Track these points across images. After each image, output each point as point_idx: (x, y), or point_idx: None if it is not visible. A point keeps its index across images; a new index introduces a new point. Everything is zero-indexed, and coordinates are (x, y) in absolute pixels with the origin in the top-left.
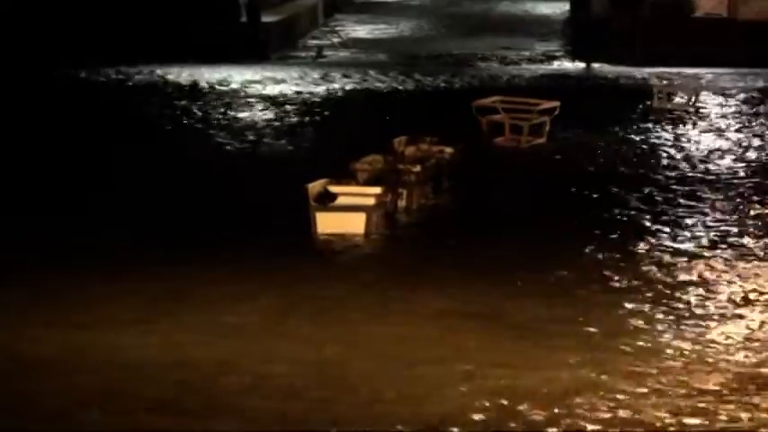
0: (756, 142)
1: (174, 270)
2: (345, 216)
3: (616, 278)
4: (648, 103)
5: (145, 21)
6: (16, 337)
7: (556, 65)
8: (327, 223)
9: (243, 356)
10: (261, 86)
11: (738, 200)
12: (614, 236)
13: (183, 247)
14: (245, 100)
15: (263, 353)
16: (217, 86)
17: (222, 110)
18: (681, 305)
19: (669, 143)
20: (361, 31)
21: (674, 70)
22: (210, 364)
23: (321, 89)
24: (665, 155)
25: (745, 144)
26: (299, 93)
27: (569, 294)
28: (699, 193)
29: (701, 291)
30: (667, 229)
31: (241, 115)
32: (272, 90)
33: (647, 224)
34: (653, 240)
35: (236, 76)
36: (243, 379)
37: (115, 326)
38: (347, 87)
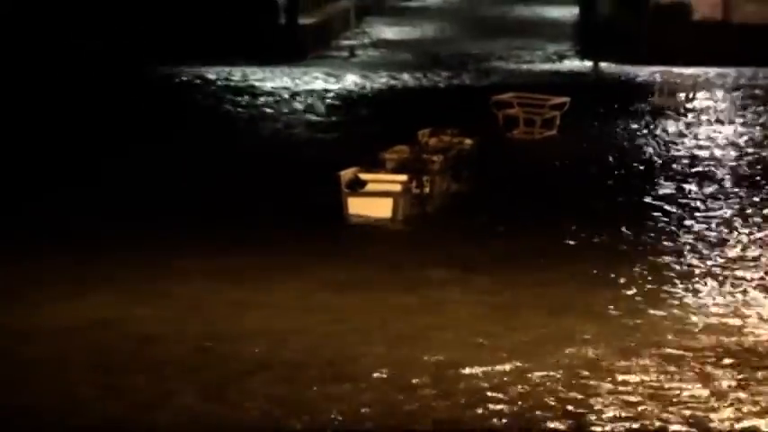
0: (752, 133)
1: (211, 250)
2: (374, 201)
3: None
4: (651, 98)
5: (188, 22)
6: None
7: (566, 63)
8: (357, 207)
9: (270, 329)
10: (299, 83)
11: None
12: (627, 218)
13: (221, 228)
14: (285, 95)
15: (289, 327)
16: (258, 83)
17: (264, 104)
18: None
19: (668, 134)
20: (389, 32)
21: (676, 69)
22: (235, 335)
23: (353, 86)
24: (664, 145)
25: (741, 134)
26: (333, 89)
27: (586, 274)
28: (704, 177)
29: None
30: (682, 212)
31: (281, 109)
32: (310, 87)
33: (662, 208)
34: (671, 226)
35: (277, 74)
36: (261, 350)
37: (157, 300)
38: (377, 84)
